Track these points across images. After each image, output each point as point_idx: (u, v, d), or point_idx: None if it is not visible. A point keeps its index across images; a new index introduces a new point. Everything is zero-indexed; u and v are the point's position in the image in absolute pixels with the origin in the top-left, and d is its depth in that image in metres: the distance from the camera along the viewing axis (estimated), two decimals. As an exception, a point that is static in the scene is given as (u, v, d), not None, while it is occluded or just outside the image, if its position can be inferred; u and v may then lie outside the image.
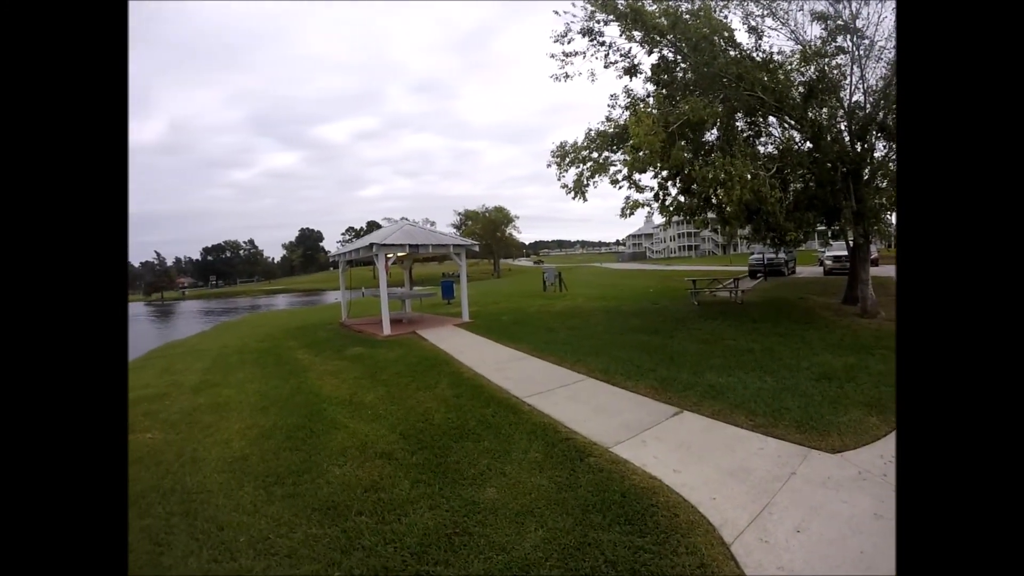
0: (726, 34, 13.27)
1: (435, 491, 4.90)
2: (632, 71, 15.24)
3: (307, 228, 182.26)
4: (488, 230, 73.51)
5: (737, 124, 14.67)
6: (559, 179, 14.89)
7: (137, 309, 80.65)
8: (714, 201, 14.08)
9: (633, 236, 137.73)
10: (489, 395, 7.95)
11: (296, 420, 7.37)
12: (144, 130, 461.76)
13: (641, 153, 12.19)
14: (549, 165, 15.25)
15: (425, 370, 9.87)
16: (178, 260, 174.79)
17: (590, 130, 15.04)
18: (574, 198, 14.38)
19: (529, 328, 13.91)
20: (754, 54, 13.78)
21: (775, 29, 13.82)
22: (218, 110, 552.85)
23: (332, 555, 4.04)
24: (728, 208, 12.33)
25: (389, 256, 16.16)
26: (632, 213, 13.87)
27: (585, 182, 14.24)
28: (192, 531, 4.57)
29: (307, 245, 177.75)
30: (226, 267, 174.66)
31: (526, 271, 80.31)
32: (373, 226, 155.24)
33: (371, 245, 15.47)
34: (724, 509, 4.45)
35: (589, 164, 14.32)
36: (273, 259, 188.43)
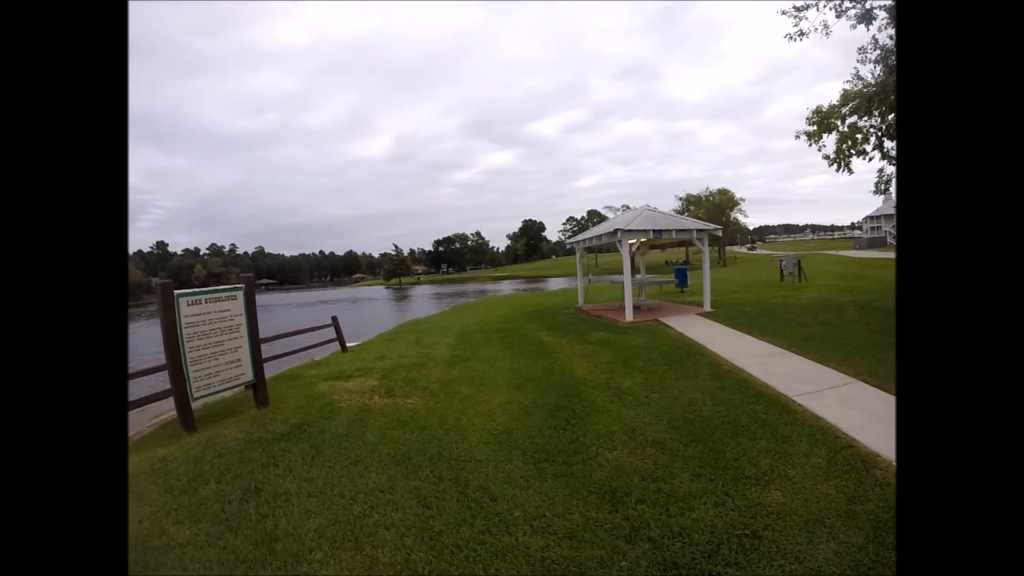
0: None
1: (717, 488, 4.64)
2: (867, 17, 13.33)
3: (530, 219, 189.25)
4: (713, 215, 69.74)
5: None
6: (819, 149, 13.55)
7: (379, 292, 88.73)
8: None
9: (871, 218, 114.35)
10: (756, 391, 7.45)
11: (555, 399, 7.37)
12: (372, 146, 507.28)
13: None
14: (798, 136, 13.92)
15: (680, 359, 9.52)
16: (412, 251, 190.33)
17: (846, 91, 13.49)
18: (838, 170, 12.99)
19: (778, 321, 13.03)
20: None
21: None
22: (436, 121, 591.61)
23: (616, 543, 3.91)
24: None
25: (632, 242, 15.69)
26: (888, 189, 12.24)
27: (848, 151, 12.75)
28: (463, 499, 4.64)
29: (530, 235, 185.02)
30: (455, 256, 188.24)
31: (755, 259, 76.32)
32: (594, 215, 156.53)
33: (615, 231, 15.12)
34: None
35: (847, 129, 12.79)
36: (498, 248, 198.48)
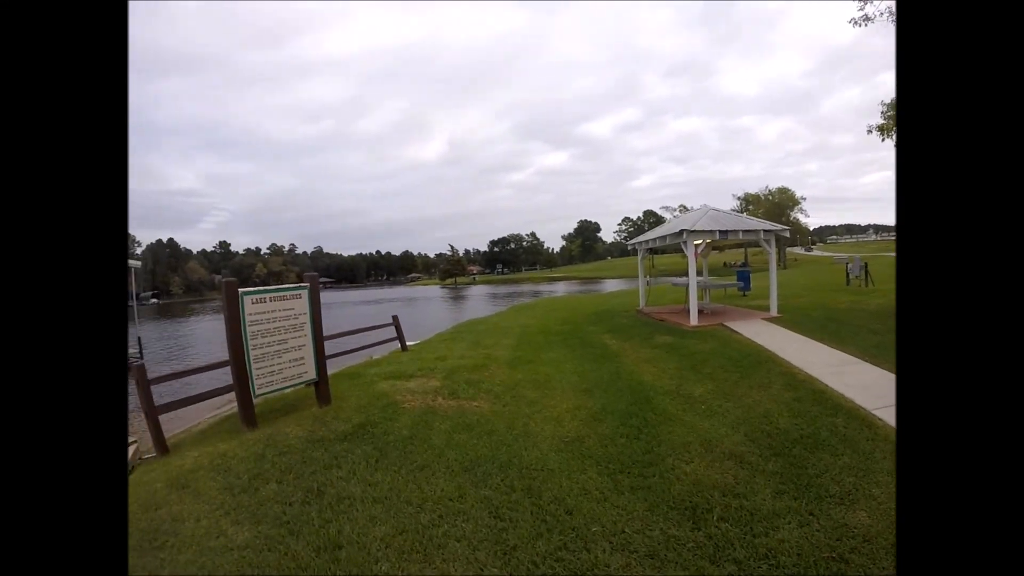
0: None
1: (801, 506, 4.37)
2: None
3: (585, 220, 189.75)
4: (773, 215, 67.66)
5: None
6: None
7: (434, 291, 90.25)
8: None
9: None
10: (833, 402, 7.05)
11: (624, 406, 7.16)
12: (426, 149, 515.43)
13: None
14: (870, 131, 13.30)
15: (751, 367, 9.08)
16: (467, 251, 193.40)
17: None
18: None
19: (848, 328, 12.49)
20: None
21: None
22: (489, 123, 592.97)
23: (700, 563, 3.69)
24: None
25: (697, 243, 15.23)
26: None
27: None
28: (537, 511, 4.45)
29: (585, 236, 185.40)
30: (510, 256, 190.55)
31: (815, 261, 74.44)
32: (650, 216, 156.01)
33: (680, 231, 14.61)
34: None
35: None
36: (552, 249, 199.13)
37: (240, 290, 6.91)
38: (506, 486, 4.87)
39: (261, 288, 7.42)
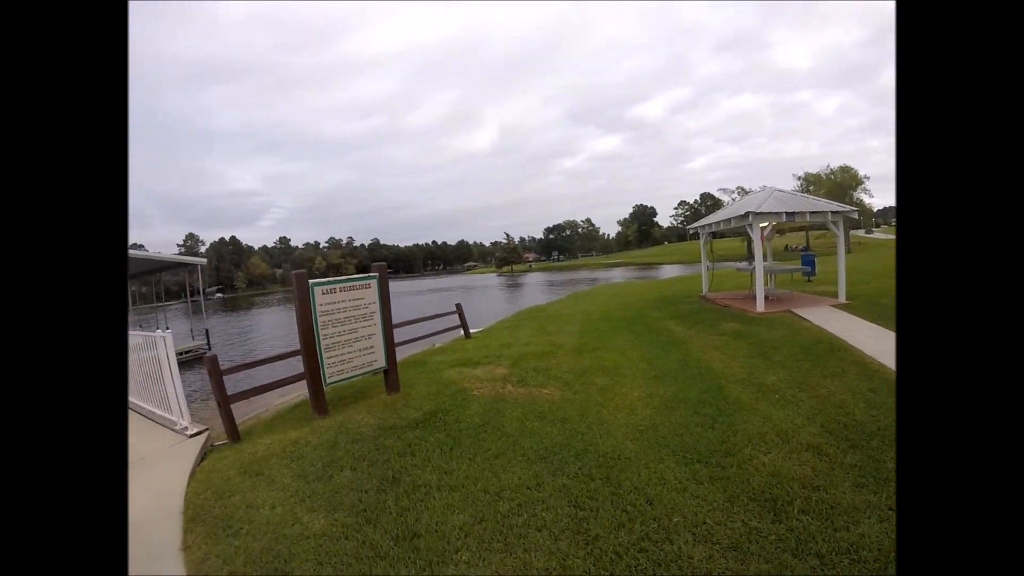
0: None
1: (881, 501, 4.17)
2: None
3: (640, 204, 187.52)
4: (835, 195, 64.51)
5: None
6: None
7: (491, 280, 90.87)
8: None
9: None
10: None
11: (696, 394, 7.03)
12: (478, 139, 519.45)
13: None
14: None
15: (823, 355, 8.73)
16: (523, 239, 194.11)
17: None
18: None
19: (922, 316, 11.70)
20: None
21: None
22: (538, 110, 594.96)
23: (783, 556, 3.56)
24: None
25: (763, 226, 14.80)
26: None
27: None
28: (617, 500, 4.37)
29: (641, 221, 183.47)
30: (566, 243, 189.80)
31: (879, 244, 71.83)
32: (707, 199, 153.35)
33: (746, 214, 14.03)
34: None
35: None
36: (608, 235, 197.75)
37: (310, 281, 7.01)
38: (584, 475, 4.78)
39: (331, 279, 7.51)
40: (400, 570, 3.64)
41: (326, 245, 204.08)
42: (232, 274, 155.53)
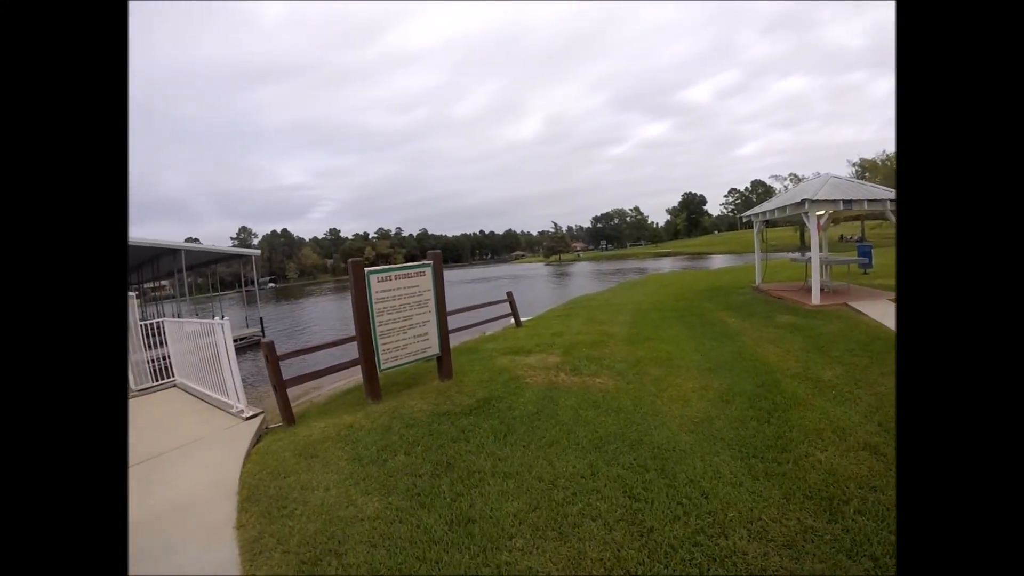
0: None
1: None
2: None
3: (689, 192, 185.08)
4: (892, 183, 61.92)
5: None
6: None
7: (539, 269, 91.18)
8: None
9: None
10: None
11: (752, 388, 6.91)
12: (523, 128, 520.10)
13: None
14: None
15: (882, 352, 8.47)
16: (570, 228, 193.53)
17: None
18: None
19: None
20: None
21: None
22: (584, 98, 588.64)
23: (837, 557, 3.47)
24: None
25: (819, 214, 14.34)
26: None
27: None
28: (672, 492, 4.32)
29: (690, 209, 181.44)
30: (614, 232, 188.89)
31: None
32: (758, 186, 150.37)
33: (801, 202, 13.56)
34: None
35: None
36: (657, 224, 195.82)
37: (366, 269, 7.11)
38: (639, 465, 4.74)
39: (386, 266, 7.62)
40: (454, 555, 3.66)
41: (375, 236, 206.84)
42: (284, 265, 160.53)
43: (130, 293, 11.68)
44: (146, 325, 11.03)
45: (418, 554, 3.70)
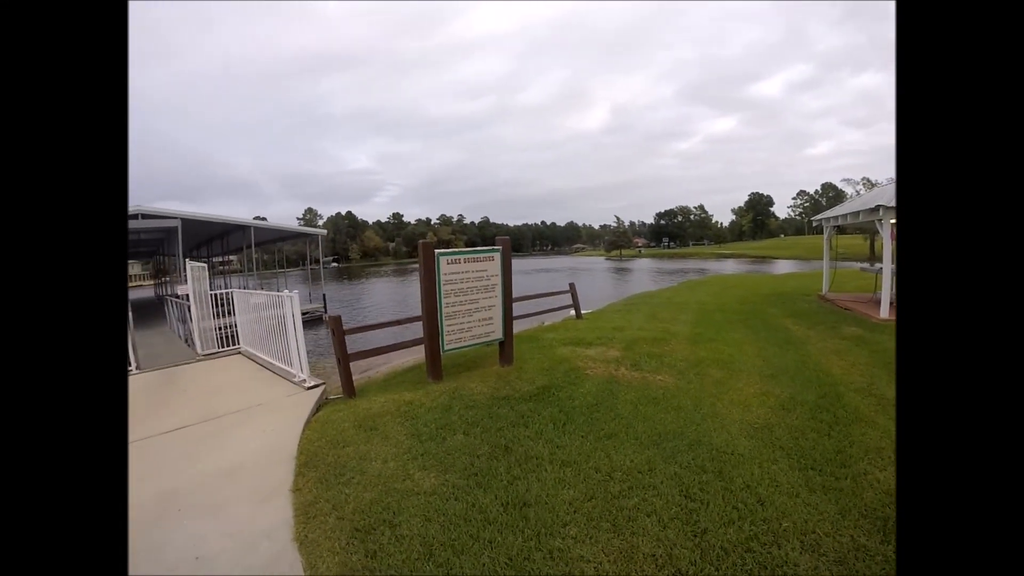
0: None
1: None
2: None
3: (756, 192, 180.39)
4: None
5: None
6: None
7: (599, 263, 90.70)
8: None
9: None
10: None
11: (814, 398, 6.79)
12: (588, 118, 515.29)
13: None
14: None
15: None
16: (632, 223, 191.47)
17: None
18: None
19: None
20: None
21: None
22: (650, 88, 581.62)
23: None
24: None
25: (893, 222, 13.68)
26: None
27: None
28: (728, 496, 4.30)
29: (757, 210, 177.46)
30: (677, 230, 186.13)
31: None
32: (829, 189, 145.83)
33: (876, 207, 12.93)
34: None
35: None
36: (721, 224, 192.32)
37: (437, 251, 7.23)
38: (696, 466, 4.72)
39: (456, 250, 7.74)
40: (507, 536, 3.70)
41: (437, 222, 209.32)
42: (347, 246, 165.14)
43: (202, 264, 12.17)
44: (215, 295, 11.56)
45: (472, 532, 3.76)
